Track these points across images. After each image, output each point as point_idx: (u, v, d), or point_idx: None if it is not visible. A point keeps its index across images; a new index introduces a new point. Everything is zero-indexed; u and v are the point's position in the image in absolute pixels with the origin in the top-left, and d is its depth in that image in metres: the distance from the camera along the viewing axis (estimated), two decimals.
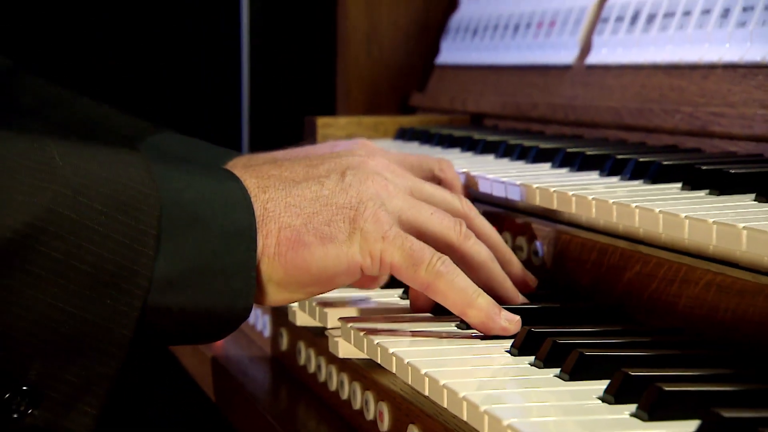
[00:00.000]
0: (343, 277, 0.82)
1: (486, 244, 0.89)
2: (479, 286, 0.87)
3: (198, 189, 0.78)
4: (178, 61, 2.32)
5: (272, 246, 0.78)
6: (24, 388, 0.71)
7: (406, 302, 0.91)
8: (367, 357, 0.84)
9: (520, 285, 0.91)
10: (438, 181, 1.03)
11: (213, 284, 0.76)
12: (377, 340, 0.82)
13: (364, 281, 0.88)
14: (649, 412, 0.60)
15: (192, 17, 2.31)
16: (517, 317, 0.82)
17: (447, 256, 0.83)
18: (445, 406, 0.69)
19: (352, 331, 0.85)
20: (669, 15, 1.14)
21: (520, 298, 0.88)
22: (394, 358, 0.78)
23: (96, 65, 2.34)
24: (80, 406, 0.73)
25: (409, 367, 0.75)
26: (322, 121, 1.56)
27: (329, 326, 0.91)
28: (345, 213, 0.81)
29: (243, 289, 0.77)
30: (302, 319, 0.97)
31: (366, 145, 1.11)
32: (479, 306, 0.81)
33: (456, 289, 0.81)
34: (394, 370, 0.78)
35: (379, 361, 0.81)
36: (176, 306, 0.74)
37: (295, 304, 0.94)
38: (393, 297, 0.96)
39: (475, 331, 0.82)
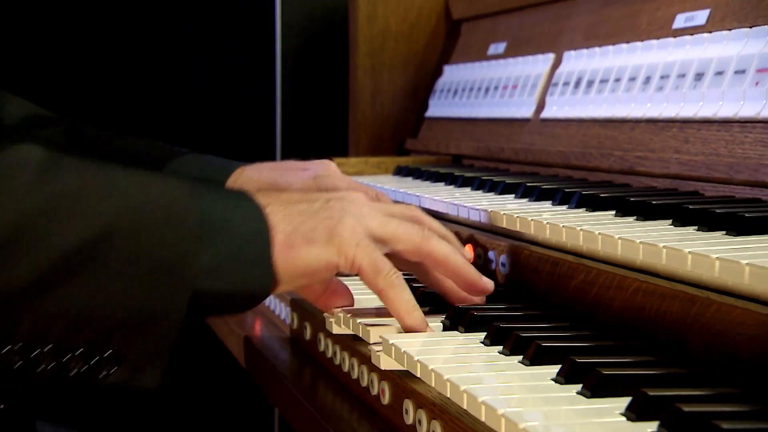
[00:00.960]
0: (323, 272, 0.81)
1: (445, 239, 0.88)
2: (448, 276, 0.86)
3: (225, 204, 0.78)
4: (228, 117, 2.32)
5: None
6: (107, 354, 0.71)
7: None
8: (353, 333, 0.85)
9: (478, 290, 0.89)
10: None
11: (241, 273, 0.76)
12: (360, 320, 0.83)
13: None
14: (591, 391, 0.61)
15: (237, 79, 2.31)
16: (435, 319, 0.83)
17: (400, 272, 0.82)
18: (433, 385, 0.69)
19: (350, 320, 0.86)
20: (604, 81, 1.14)
21: (483, 280, 0.87)
22: (391, 347, 0.76)
23: (165, 106, 2.32)
24: (149, 367, 0.73)
25: (405, 355, 0.74)
26: (336, 161, 1.54)
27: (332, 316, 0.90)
28: (327, 223, 0.79)
29: (263, 276, 0.77)
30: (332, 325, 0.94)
31: (330, 166, 1.11)
32: (414, 317, 0.81)
33: (401, 299, 0.81)
34: (393, 356, 0.76)
35: (366, 339, 0.82)
36: (215, 289, 0.74)
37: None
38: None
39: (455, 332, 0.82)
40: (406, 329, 0.81)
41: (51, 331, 0.69)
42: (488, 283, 0.88)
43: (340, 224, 0.79)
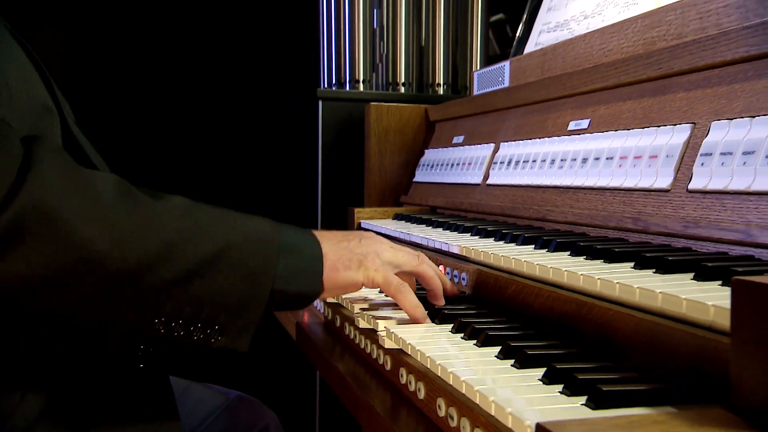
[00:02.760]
0: (352, 288, 0.80)
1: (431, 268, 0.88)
2: (426, 287, 0.87)
3: (296, 236, 0.77)
4: (290, 182, 2.32)
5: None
6: (216, 327, 0.70)
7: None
8: (370, 327, 0.83)
9: (449, 290, 0.90)
10: None
11: (301, 282, 0.75)
12: (373, 313, 0.81)
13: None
14: (520, 364, 0.61)
15: (296, 157, 2.32)
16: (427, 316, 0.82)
17: (406, 283, 0.82)
18: (418, 359, 0.69)
19: (368, 316, 0.85)
20: (525, 161, 1.14)
21: (440, 295, 0.87)
22: (391, 334, 0.77)
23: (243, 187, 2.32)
24: (241, 337, 0.71)
25: (400, 341, 0.74)
26: (356, 210, 1.55)
27: (351, 307, 0.89)
28: (358, 257, 0.79)
29: (314, 286, 0.76)
30: (361, 319, 0.94)
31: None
32: (417, 311, 0.80)
33: (407, 300, 0.81)
34: (392, 340, 0.77)
35: (376, 329, 0.80)
36: (284, 290, 0.73)
37: (352, 308, 0.93)
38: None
39: (437, 325, 0.81)
40: (412, 318, 0.81)
41: (183, 311, 0.68)
42: (442, 298, 0.88)
43: (365, 258, 0.80)
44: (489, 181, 1.25)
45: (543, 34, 1.36)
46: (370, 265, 0.80)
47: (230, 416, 1.12)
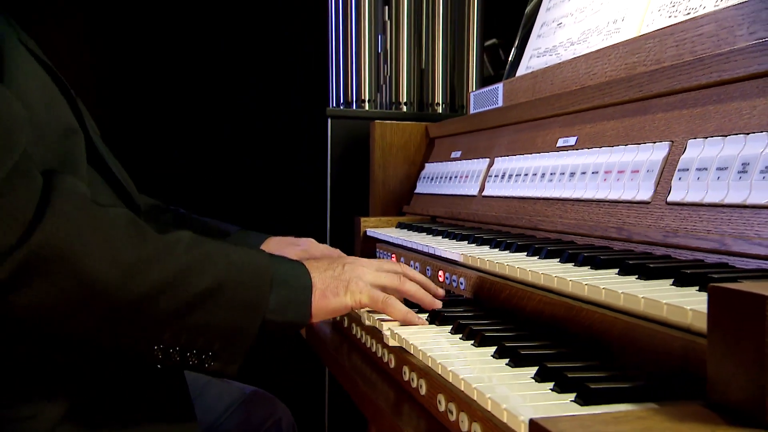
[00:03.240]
0: (341, 311, 0.80)
1: (415, 281, 0.87)
2: (418, 301, 0.86)
3: (287, 269, 0.76)
4: (301, 191, 2.31)
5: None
6: (210, 353, 0.69)
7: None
8: (375, 327, 0.83)
9: (438, 297, 0.88)
10: None
11: (292, 311, 0.74)
12: (377, 317, 0.81)
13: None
14: (514, 363, 0.61)
15: (307, 169, 2.31)
16: (423, 316, 0.82)
17: (391, 296, 0.82)
18: (420, 358, 0.69)
19: (373, 318, 0.84)
20: (518, 175, 1.14)
21: (437, 303, 0.86)
22: (395, 334, 0.77)
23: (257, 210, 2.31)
24: (234, 362, 0.71)
25: (403, 341, 0.75)
26: (362, 219, 1.54)
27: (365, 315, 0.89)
28: (343, 283, 0.79)
29: (304, 315, 0.75)
30: (366, 318, 0.94)
31: (312, 242, 1.11)
32: (407, 317, 0.80)
33: (396, 309, 0.81)
34: (396, 339, 0.77)
35: (380, 329, 0.80)
36: (274, 320, 0.72)
37: (363, 314, 0.91)
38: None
39: (439, 326, 0.80)
40: (407, 324, 0.81)
41: (180, 339, 0.68)
42: (434, 302, 0.86)
43: (350, 282, 0.80)
44: (485, 193, 1.25)
45: (533, 59, 1.36)
46: (355, 289, 0.79)
47: (246, 410, 1.12)
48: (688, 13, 0.94)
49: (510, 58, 1.49)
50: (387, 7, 1.93)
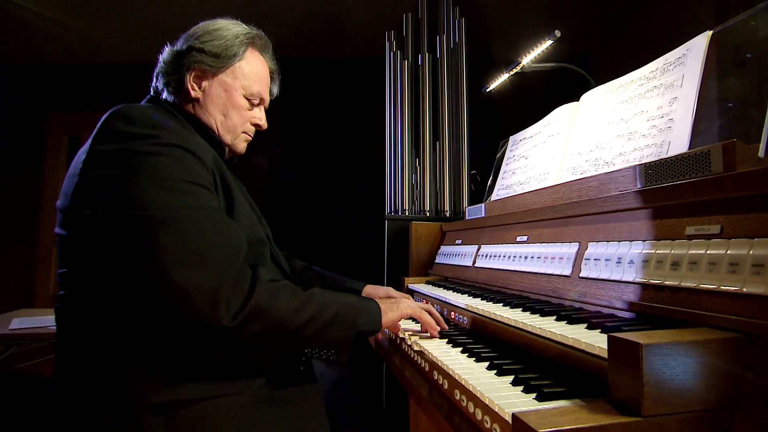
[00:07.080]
0: (398, 320, 0.77)
1: (432, 315, 0.84)
2: (424, 324, 0.82)
3: (369, 305, 0.76)
4: (369, 263, 2.32)
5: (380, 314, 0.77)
6: (332, 351, 0.68)
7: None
8: (398, 336, 0.78)
9: (441, 327, 0.87)
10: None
11: (371, 325, 0.74)
12: (414, 338, 0.79)
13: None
14: (498, 373, 0.60)
15: (371, 250, 2.30)
16: (444, 341, 0.77)
17: (423, 310, 0.81)
18: (443, 367, 0.67)
19: (413, 338, 0.82)
20: (496, 256, 1.11)
21: (436, 331, 0.81)
22: (428, 352, 0.75)
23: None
24: (345, 355, 0.69)
25: (432, 356, 0.72)
26: (405, 278, 1.53)
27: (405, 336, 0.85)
28: (396, 306, 0.79)
29: (377, 326, 0.75)
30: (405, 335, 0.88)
31: (404, 297, 1.05)
32: (431, 324, 0.80)
33: (426, 320, 0.80)
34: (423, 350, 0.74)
35: (415, 349, 0.78)
36: (363, 330, 0.73)
37: (405, 335, 0.89)
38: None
39: (451, 346, 0.76)
40: (429, 329, 0.78)
41: (317, 345, 0.68)
42: (435, 329, 0.81)
43: (399, 308, 0.80)
44: (476, 265, 1.22)
45: (500, 190, 1.40)
46: (403, 309, 0.80)
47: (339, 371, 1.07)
48: (582, 173, 0.98)
49: (488, 185, 1.51)
50: (416, 152, 2.00)
